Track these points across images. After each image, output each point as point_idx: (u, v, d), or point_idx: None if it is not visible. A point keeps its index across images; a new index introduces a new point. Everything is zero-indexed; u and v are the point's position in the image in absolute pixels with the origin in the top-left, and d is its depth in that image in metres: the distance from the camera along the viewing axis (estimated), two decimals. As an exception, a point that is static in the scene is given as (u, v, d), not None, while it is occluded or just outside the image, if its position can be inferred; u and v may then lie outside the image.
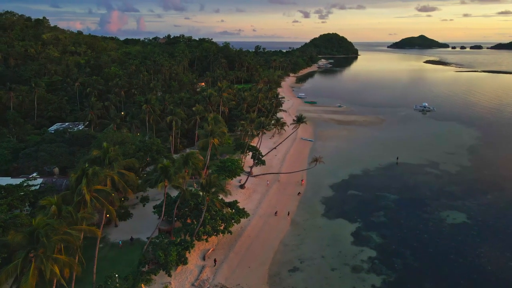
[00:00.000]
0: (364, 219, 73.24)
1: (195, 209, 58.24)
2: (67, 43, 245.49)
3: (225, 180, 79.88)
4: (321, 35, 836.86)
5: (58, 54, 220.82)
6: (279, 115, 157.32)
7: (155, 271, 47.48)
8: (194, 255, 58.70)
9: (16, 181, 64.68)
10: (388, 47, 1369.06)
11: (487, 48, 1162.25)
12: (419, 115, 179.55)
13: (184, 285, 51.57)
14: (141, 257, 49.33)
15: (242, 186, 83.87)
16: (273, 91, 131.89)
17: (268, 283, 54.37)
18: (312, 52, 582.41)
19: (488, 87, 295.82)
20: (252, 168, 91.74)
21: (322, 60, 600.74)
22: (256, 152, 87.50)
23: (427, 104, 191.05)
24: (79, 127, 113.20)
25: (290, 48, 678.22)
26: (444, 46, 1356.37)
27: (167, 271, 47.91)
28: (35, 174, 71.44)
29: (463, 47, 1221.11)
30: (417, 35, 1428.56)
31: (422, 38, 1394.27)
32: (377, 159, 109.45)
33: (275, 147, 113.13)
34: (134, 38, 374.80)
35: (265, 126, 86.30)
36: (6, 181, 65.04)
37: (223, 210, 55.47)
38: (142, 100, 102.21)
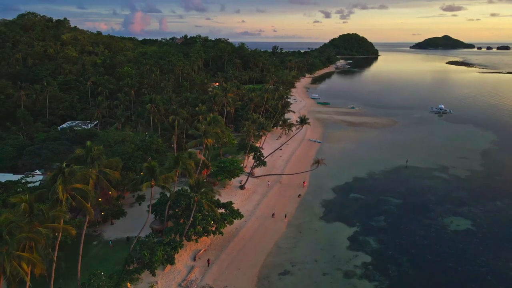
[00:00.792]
0: (363, 223, 71.60)
1: (187, 209, 58.20)
2: (86, 43, 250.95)
3: (223, 180, 79.75)
4: (340, 36, 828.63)
5: (76, 54, 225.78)
6: (290, 115, 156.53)
7: (139, 270, 47.56)
8: (185, 255, 58.70)
9: (17, 177, 66.34)
10: (411, 47, 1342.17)
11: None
12: (435, 118, 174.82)
13: (170, 285, 51.56)
14: (127, 256, 49.55)
15: (242, 187, 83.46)
16: (280, 91, 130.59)
17: (257, 285, 53.76)
18: (330, 52, 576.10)
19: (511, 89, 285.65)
20: (253, 169, 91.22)
21: (341, 60, 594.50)
22: (258, 153, 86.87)
23: (443, 106, 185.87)
24: (88, 125, 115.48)
25: (309, 48, 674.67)
26: (470, 46, 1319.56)
27: (152, 271, 47.96)
28: (37, 171, 73.14)
29: (489, 48, 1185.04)
30: (441, 35, 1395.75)
31: (446, 38, 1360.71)
32: (384, 162, 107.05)
33: (279, 147, 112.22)
34: (155, 38, 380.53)
35: (264, 127, 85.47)
36: (7, 177, 66.72)
37: (213, 210, 54.98)
38: (147, 100, 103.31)
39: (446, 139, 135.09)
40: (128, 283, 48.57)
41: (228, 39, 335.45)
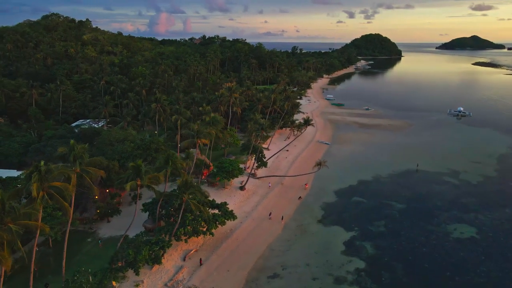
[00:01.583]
0: (361, 228, 69.82)
1: (178, 209, 58.20)
2: (105, 44, 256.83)
3: (222, 181, 79.52)
4: (362, 36, 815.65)
5: (95, 54, 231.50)
6: (301, 116, 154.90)
7: (123, 269, 47.83)
8: (175, 255, 58.75)
9: (19, 173, 68.16)
10: (437, 48, 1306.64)
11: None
12: (453, 120, 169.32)
13: (156, 284, 51.62)
14: (113, 254, 49.96)
15: (242, 188, 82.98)
16: (287, 92, 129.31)
17: (243, 288, 53.20)
18: (351, 53, 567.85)
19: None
20: (254, 170, 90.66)
21: (362, 61, 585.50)
22: (259, 154, 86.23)
23: (462, 108, 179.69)
24: (99, 123, 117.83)
25: (330, 49, 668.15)
26: (500, 47, 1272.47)
27: (135, 270, 48.11)
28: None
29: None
30: (470, 35, 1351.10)
31: (474, 38, 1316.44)
32: (393, 165, 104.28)
33: (283, 148, 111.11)
34: (175, 38, 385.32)
35: (264, 128, 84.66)
36: (11, 173, 68.67)
37: (201, 211, 54.72)
38: (152, 99, 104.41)
39: (461, 142, 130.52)
40: (113, 282, 48.95)
41: (245, 40, 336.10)
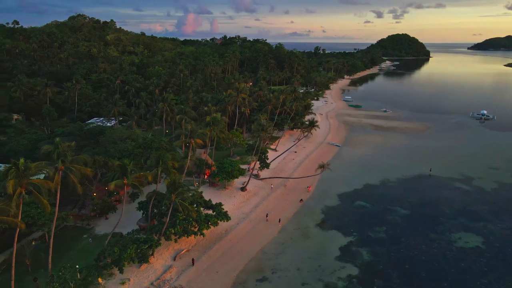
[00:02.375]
0: (360, 233, 67.83)
1: (168, 208, 58.23)
2: (127, 44, 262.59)
3: (222, 181, 79.23)
4: (389, 36, 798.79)
5: (117, 54, 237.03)
6: (312, 118, 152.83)
7: (107, 266, 48.29)
8: (166, 254, 58.90)
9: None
10: (469, 48, 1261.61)
11: None
12: (475, 124, 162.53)
13: (143, 283, 51.87)
14: (99, 251, 50.56)
15: (243, 189, 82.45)
16: (296, 92, 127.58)
17: (230, 291, 52.68)
18: (375, 53, 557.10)
19: None
20: (257, 171, 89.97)
21: (387, 62, 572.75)
22: (262, 155, 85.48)
23: (486, 111, 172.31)
24: (112, 122, 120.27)
25: (355, 49, 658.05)
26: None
27: (120, 268, 48.46)
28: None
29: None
30: (504, 35, 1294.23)
31: (509, 38, 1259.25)
32: (404, 169, 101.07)
33: (287, 149, 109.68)
34: (196, 39, 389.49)
35: (265, 129, 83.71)
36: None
37: (189, 211, 54.57)
38: (159, 99, 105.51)
39: (481, 147, 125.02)
40: (99, 279, 49.54)
41: (266, 40, 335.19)
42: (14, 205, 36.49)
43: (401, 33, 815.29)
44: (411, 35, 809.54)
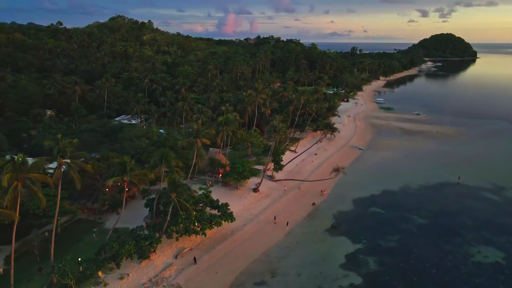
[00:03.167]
0: (370, 241, 65.22)
1: (167, 206, 58.79)
2: (162, 44, 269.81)
3: (232, 181, 79.05)
4: (432, 36, 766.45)
5: (152, 53, 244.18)
6: (341, 119, 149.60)
7: (105, 261, 49.50)
8: (168, 252, 59.53)
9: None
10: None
11: None
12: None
13: (141, 278, 52.72)
14: (100, 245, 51.97)
15: (256, 190, 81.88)
16: (318, 93, 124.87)
17: (227, 292, 52.39)
18: (416, 54, 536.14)
19: None
20: (272, 172, 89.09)
21: (428, 63, 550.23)
22: (277, 157, 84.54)
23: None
24: (137, 119, 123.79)
25: (395, 49, 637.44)
26: None
27: (117, 263, 49.53)
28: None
29: None
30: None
31: None
32: (428, 176, 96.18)
33: (303, 151, 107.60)
34: (230, 39, 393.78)
35: (278, 131, 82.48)
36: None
37: (189, 210, 54.85)
38: (179, 98, 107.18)
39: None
40: (99, 272, 50.91)
41: (300, 40, 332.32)
42: (9, 197, 38.25)
43: (445, 32, 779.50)
44: (457, 35, 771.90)
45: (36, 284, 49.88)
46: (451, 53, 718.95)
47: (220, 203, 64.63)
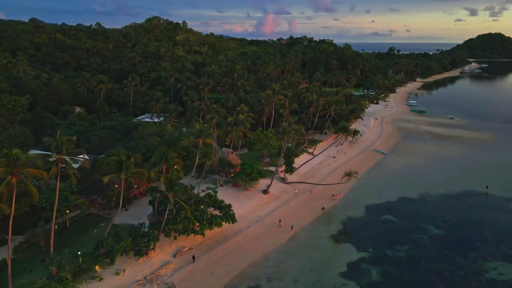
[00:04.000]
0: (376, 250, 62.47)
1: (165, 205, 59.23)
2: (194, 44, 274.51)
3: (240, 182, 78.58)
4: (478, 36, 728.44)
5: (183, 53, 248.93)
6: (361, 123, 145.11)
7: (100, 256, 50.59)
8: (168, 250, 59.92)
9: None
10: None
11: None
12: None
13: (136, 275, 53.41)
14: (97, 241, 53.23)
15: (265, 191, 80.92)
16: (339, 95, 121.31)
17: (219, 294, 52.00)
18: (459, 55, 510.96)
19: None
20: (284, 174, 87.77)
21: (472, 64, 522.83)
22: (288, 159, 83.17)
23: None
24: (160, 118, 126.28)
25: (438, 50, 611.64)
26: None
27: (111, 259, 50.51)
28: (85, 156, 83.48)
29: None
30: None
31: None
32: (452, 184, 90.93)
33: (317, 154, 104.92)
34: (263, 39, 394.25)
35: (286, 132, 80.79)
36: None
37: (184, 210, 54.96)
38: (195, 97, 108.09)
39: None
40: (97, 267, 52.17)
41: (332, 40, 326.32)
42: (4, 192, 39.99)
43: (495, 32, 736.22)
44: (507, 35, 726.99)
45: (37, 275, 51.85)
46: (499, 54, 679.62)
47: (223, 204, 64.26)
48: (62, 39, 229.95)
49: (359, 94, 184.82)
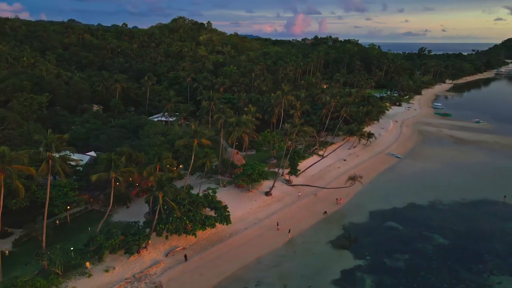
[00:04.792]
0: (374, 258, 60.17)
1: (156, 204, 59.34)
2: (217, 44, 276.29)
3: (241, 183, 77.91)
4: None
5: (206, 53, 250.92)
6: (388, 125, 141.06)
7: (88, 253, 51.33)
8: (160, 249, 60.13)
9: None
10: None
11: None
12: None
13: (126, 273, 53.87)
14: (88, 237, 54.08)
15: (268, 193, 79.92)
16: (352, 96, 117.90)
17: (205, 296, 51.61)
18: (495, 55, 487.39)
19: None
20: (289, 176, 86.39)
21: (510, 65, 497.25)
22: (293, 161, 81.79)
23: None
24: (173, 117, 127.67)
25: (473, 50, 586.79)
26: None
27: (99, 256, 51.20)
28: (93, 153, 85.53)
29: None
30: None
31: None
32: (466, 191, 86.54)
33: (324, 157, 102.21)
34: (287, 39, 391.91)
35: (288, 134, 79.20)
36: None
37: (174, 209, 54.89)
38: (205, 97, 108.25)
39: None
40: (87, 263, 53.04)
41: (358, 40, 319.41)
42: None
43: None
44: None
45: (31, 268, 53.35)
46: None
47: (219, 205, 63.86)
48: (90, 39, 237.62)
49: (380, 96, 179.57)
